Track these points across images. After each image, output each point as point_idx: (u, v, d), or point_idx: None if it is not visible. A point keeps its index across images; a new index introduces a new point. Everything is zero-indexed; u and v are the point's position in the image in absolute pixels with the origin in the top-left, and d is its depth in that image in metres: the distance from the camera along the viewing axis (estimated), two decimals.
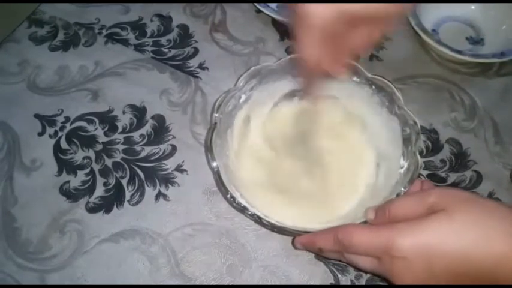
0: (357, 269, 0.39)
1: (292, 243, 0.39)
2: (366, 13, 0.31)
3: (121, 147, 0.46)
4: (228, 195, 0.36)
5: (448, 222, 0.29)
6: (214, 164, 0.37)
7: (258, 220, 0.36)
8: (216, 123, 0.39)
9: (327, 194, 0.42)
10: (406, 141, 0.40)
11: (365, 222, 0.35)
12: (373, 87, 0.42)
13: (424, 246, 0.29)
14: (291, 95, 0.45)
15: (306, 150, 0.44)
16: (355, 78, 0.42)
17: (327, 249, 0.35)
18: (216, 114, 0.40)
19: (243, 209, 0.36)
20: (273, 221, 0.35)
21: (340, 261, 0.39)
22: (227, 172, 0.39)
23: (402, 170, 0.39)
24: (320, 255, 0.39)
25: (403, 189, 0.36)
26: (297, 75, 0.41)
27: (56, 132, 0.46)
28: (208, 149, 0.38)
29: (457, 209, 0.29)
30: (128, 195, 0.43)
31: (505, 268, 0.28)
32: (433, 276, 0.30)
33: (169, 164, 0.45)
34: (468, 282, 0.29)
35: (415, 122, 0.39)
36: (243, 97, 0.42)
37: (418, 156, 0.38)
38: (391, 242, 0.30)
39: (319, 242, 0.35)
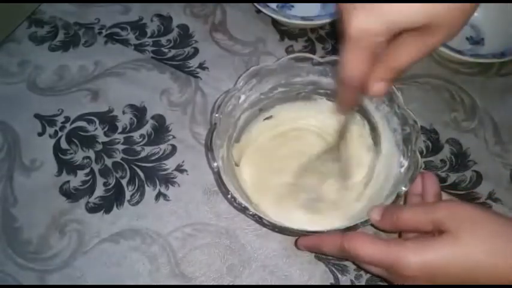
0: (360, 268, 0.39)
1: (295, 244, 0.40)
2: (422, 21, 0.24)
3: (121, 147, 0.46)
4: (229, 195, 0.36)
5: (454, 245, 0.30)
6: (215, 164, 0.37)
7: (259, 220, 0.36)
8: (216, 124, 0.39)
9: (327, 195, 0.42)
10: (406, 140, 0.40)
11: (365, 221, 0.35)
12: None
13: (429, 267, 0.30)
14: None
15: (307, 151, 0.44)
16: None
17: (332, 254, 0.35)
18: (216, 115, 0.40)
19: (243, 209, 0.36)
20: (273, 221, 0.35)
21: (343, 260, 0.39)
22: (227, 172, 0.39)
23: (403, 169, 0.39)
24: (323, 254, 0.40)
25: (403, 188, 0.36)
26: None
27: (56, 132, 0.46)
28: (209, 149, 0.38)
29: (463, 231, 0.30)
30: (127, 195, 0.43)
31: None
32: None
33: (169, 164, 0.45)
34: None
35: (415, 121, 0.39)
36: (243, 97, 0.42)
37: (418, 155, 0.38)
38: (398, 260, 0.30)
39: (324, 246, 0.35)
